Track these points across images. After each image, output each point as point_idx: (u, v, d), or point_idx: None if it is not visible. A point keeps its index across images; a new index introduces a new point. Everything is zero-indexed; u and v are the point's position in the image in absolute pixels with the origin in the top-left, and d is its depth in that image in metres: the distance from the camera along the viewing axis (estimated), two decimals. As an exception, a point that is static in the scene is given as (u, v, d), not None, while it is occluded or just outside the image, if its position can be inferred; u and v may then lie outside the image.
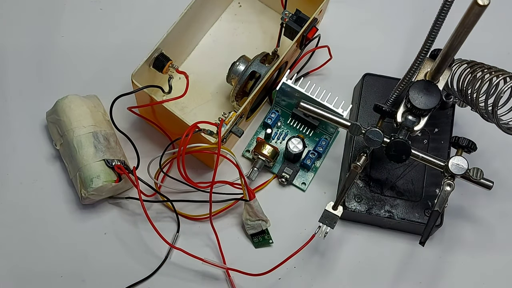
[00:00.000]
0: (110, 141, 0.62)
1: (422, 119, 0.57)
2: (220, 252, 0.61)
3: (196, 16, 0.65)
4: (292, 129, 0.67)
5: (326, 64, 0.69)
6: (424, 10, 0.73)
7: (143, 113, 0.66)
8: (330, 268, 0.62)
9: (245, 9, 0.72)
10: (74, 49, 0.70)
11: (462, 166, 0.57)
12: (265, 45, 0.70)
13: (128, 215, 0.63)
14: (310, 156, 0.65)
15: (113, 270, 0.61)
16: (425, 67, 0.58)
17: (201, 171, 0.65)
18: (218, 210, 0.62)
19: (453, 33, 0.51)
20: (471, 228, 0.65)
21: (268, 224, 0.62)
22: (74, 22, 0.71)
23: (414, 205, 0.62)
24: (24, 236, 0.62)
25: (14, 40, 0.70)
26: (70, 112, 0.62)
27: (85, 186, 0.59)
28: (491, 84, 0.55)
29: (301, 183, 0.65)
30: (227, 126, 0.58)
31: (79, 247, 0.62)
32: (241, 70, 0.63)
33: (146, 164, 0.60)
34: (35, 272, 0.61)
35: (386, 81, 0.66)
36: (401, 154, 0.57)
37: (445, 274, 0.63)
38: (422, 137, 0.64)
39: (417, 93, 0.56)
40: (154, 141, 0.66)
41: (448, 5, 0.49)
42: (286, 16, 0.64)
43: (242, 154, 0.66)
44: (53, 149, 0.65)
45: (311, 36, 0.64)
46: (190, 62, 0.69)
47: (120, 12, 0.72)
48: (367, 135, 0.57)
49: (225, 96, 0.68)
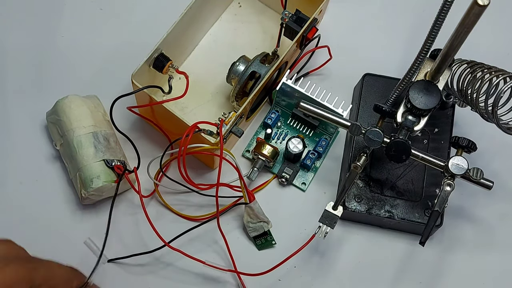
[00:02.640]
0: (110, 141, 0.62)
1: (422, 119, 0.57)
2: (229, 254, 0.61)
3: (196, 16, 0.65)
4: (292, 129, 0.67)
5: (326, 64, 0.69)
6: (424, 10, 0.73)
7: (143, 113, 0.66)
8: (330, 268, 0.62)
9: (245, 9, 0.72)
10: (74, 49, 0.70)
11: (462, 166, 0.57)
12: (265, 45, 0.70)
13: (128, 215, 0.63)
14: (310, 156, 0.65)
15: (113, 270, 0.61)
16: (425, 67, 0.58)
17: (201, 171, 0.65)
18: (215, 212, 0.62)
19: (453, 33, 0.51)
20: (471, 228, 0.65)
21: (269, 225, 0.62)
22: (74, 22, 0.71)
23: (414, 205, 0.62)
24: (24, 236, 0.62)
25: (14, 40, 0.70)
26: (70, 112, 0.62)
27: (85, 186, 0.59)
28: (491, 84, 0.55)
29: (301, 183, 0.65)
30: (227, 126, 0.58)
31: (79, 247, 0.62)
32: (241, 70, 0.63)
33: (145, 164, 0.60)
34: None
35: (386, 81, 0.66)
36: (401, 154, 0.57)
37: (445, 274, 0.63)
38: (422, 137, 0.64)
39: (417, 93, 0.56)
40: (154, 141, 0.66)
41: (448, 5, 0.49)
42: (286, 16, 0.64)
43: (242, 154, 0.66)
44: (53, 149, 0.65)
45: (311, 36, 0.64)
46: (190, 62, 0.69)
47: (120, 12, 0.72)
48: (367, 135, 0.57)
49: (225, 96, 0.68)
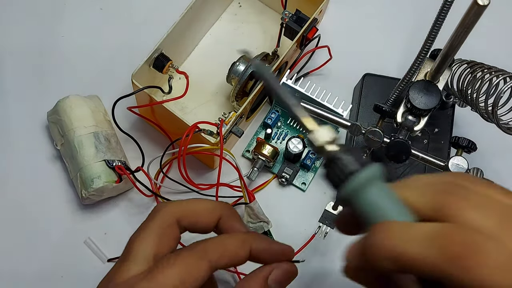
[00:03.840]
0: (111, 142, 0.62)
1: (422, 119, 0.57)
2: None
3: (196, 16, 0.65)
4: (292, 129, 0.67)
5: (326, 64, 0.69)
6: (424, 10, 0.73)
7: (143, 113, 0.66)
8: (330, 268, 0.62)
9: (245, 9, 0.72)
10: (74, 49, 0.70)
11: (462, 166, 0.57)
12: (265, 45, 0.70)
13: (129, 216, 0.63)
14: (310, 156, 0.65)
15: (113, 270, 0.61)
16: (425, 67, 0.58)
17: (201, 171, 0.65)
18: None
19: (453, 33, 0.51)
20: (471, 228, 0.65)
21: (270, 225, 0.62)
22: (74, 22, 0.71)
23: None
24: (24, 236, 0.62)
25: (14, 40, 0.70)
26: (71, 112, 0.62)
27: (85, 187, 0.59)
28: (491, 84, 0.55)
29: (301, 183, 0.65)
30: (227, 126, 0.58)
31: (79, 247, 0.62)
32: (241, 70, 0.63)
33: (146, 164, 0.60)
34: (35, 272, 0.61)
35: (386, 81, 0.66)
36: (401, 154, 0.57)
37: (445, 274, 0.63)
38: (422, 137, 0.64)
39: (417, 93, 0.56)
40: (154, 141, 0.66)
41: (448, 5, 0.49)
42: (286, 16, 0.64)
43: (242, 154, 0.66)
44: (54, 149, 0.65)
45: (311, 36, 0.64)
46: (190, 62, 0.69)
47: (120, 12, 0.72)
48: (367, 135, 0.57)
49: (225, 96, 0.68)
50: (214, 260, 0.40)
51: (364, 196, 0.34)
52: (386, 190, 0.35)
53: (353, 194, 0.35)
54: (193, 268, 0.39)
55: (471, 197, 0.33)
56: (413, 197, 0.35)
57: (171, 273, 0.39)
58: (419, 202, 0.34)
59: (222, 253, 0.40)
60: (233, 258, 0.41)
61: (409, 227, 0.33)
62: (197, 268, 0.40)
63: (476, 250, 0.30)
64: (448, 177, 0.35)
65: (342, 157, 0.35)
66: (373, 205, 0.34)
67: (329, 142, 0.36)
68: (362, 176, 0.34)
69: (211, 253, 0.40)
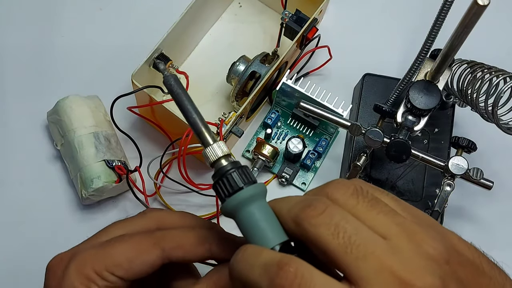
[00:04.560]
0: (111, 142, 0.62)
1: (422, 119, 0.57)
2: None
3: (196, 16, 0.65)
4: (292, 129, 0.67)
5: (326, 64, 0.69)
6: (424, 10, 0.73)
7: (143, 113, 0.66)
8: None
9: (245, 9, 0.72)
10: (74, 49, 0.70)
11: (462, 166, 0.57)
12: (265, 45, 0.70)
13: (128, 216, 0.63)
14: (310, 156, 0.65)
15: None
16: (425, 67, 0.58)
17: (201, 171, 0.65)
18: (215, 212, 0.63)
19: (453, 33, 0.51)
20: (471, 228, 0.65)
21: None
22: (74, 22, 0.71)
23: (414, 205, 0.61)
24: (24, 236, 0.62)
25: (15, 40, 0.70)
26: (71, 112, 0.62)
27: (85, 187, 0.59)
28: (491, 84, 0.55)
29: (301, 183, 0.65)
30: (227, 126, 0.58)
31: (79, 247, 0.62)
32: (241, 70, 0.63)
33: (145, 164, 0.60)
34: (35, 272, 0.61)
35: (386, 81, 0.66)
36: (401, 154, 0.57)
37: (445, 274, 0.63)
38: (422, 137, 0.64)
39: (417, 93, 0.56)
40: (154, 141, 0.66)
41: (448, 5, 0.49)
42: (286, 16, 0.64)
43: (242, 154, 0.66)
44: (53, 149, 0.65)
45: (311, 36, 0.64)
46: (190, 62, 0.69)
47: (120, 12, 0.72)
48: (367, 135, 0.57)
49: (225, 96, 0.68)
50: (167, 250, 0.40)
51: (242, 214, 0.37)
52: (265, 209, 0.37)
53: (235, 210, 0.37)
54: (144, 251, 0.40)
55: (326, 212, 0.33)
56: (283, 211, 0.36)
57: (120, 248, 0.40)
58: (286, 218, 0.36)
59: (178, 245, 0.41)
60: (188, 253, 0.41)
61: (259, 253, 0.34)
62: (148, 252, 0.40)
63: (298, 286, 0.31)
64: (323, 189, 0.36)
65: (231, 173, 0.37)
66: (248, 224, 0.36)
67: (221, 157, 0.38)
68: (244, 194, 0.36)
69: (167, 242, 0.40)
